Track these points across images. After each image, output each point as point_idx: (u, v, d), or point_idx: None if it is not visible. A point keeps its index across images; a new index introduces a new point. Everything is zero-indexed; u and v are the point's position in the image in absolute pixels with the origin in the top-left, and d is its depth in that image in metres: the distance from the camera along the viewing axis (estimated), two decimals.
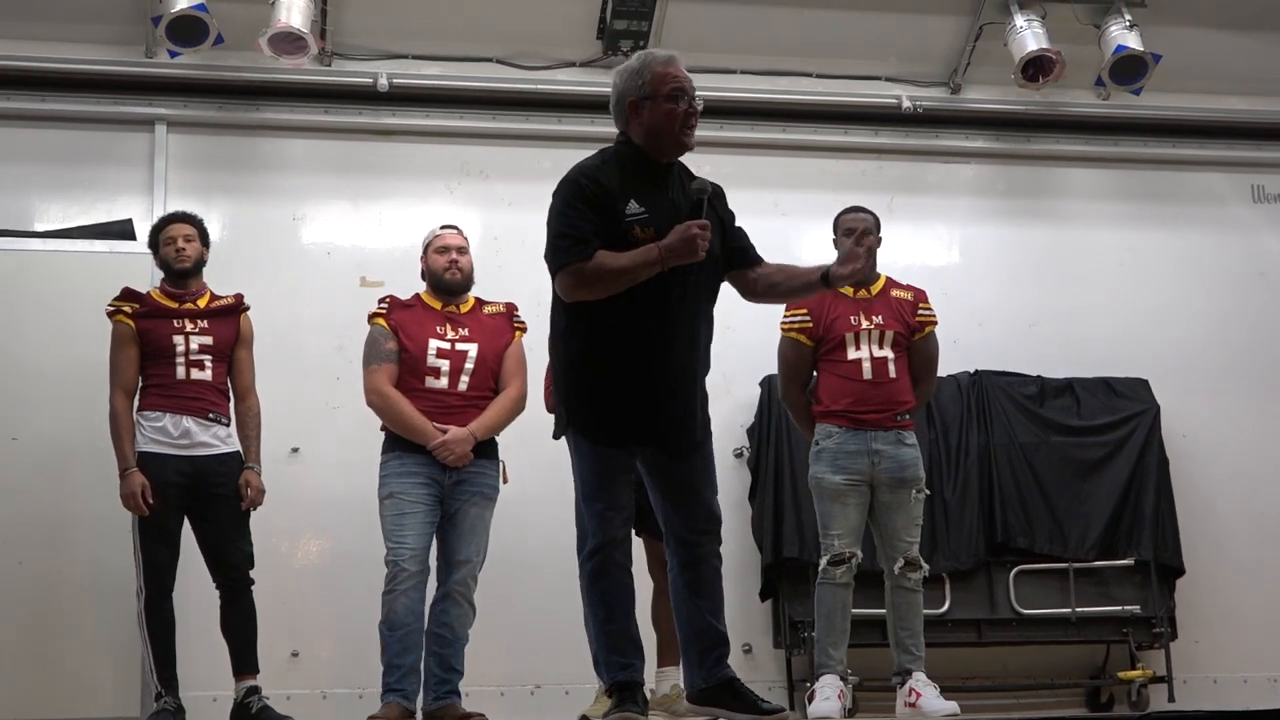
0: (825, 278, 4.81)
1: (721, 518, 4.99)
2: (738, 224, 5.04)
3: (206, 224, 6.67)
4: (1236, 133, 9.09)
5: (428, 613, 6.15)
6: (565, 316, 4.82)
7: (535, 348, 6.53)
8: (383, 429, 6.32)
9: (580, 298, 4.70)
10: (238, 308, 6.57)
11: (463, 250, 6.47)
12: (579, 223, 4.68)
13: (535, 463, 6.94)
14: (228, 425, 6.42)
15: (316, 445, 7.54)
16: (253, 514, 6.38)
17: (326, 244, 8.08)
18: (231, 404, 6.47)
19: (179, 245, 6.48)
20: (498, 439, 6.37)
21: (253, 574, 6.34)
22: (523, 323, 6.54)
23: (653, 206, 4.73)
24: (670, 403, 4.78)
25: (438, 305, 6.42)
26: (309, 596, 7.45)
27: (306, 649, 7.39)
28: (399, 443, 6.24)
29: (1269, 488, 8.59)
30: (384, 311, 6.40)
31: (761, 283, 4.96)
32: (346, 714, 7.20)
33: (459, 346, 6.32)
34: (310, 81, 8.10)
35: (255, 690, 6.25)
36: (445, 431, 6.18)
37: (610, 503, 4.79)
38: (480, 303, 6.53)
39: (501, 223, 8.21)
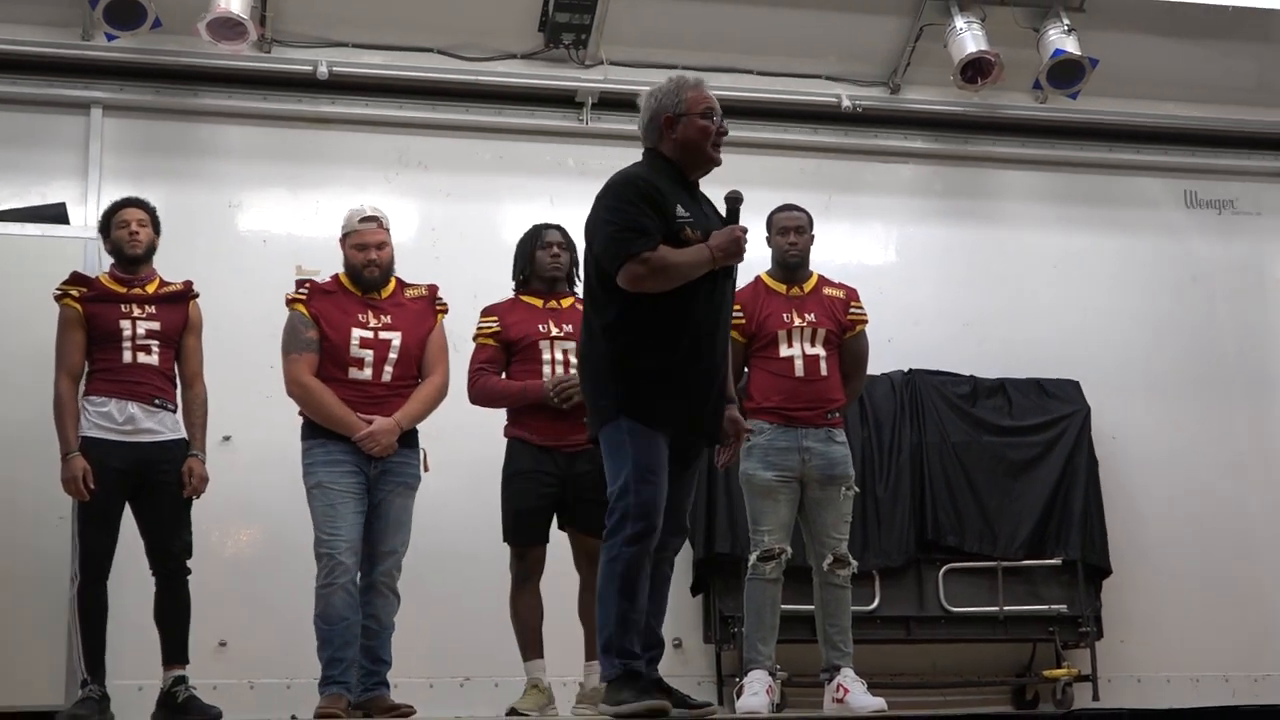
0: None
1: (689, 531, 5.26)
2: None
3: None
4: (1171, 138, 9.20)
5: None
6: (615, 310, 5.00)
7: (463, 343, 6.53)
8: (301, 413, 6.25)
9: (645, 288, 4.92)
10: (187, 294, 6.53)
11: (381, 245, 6.34)
12: (640, 218, 4.95)
13: (461, 457, 7.01)
14: (174, 411, 6.38)
15: (248, 434, 7.49)
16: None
17: (262, 232, 8.04)
18: (179, 391, 6.43)
19: (132, 229, 6.44)
20: (418, 427, 6.34)
21: (190, 564, 6.31)
22: (444, 304, 6.47)
23: (693, 214, 5.05)
24: (712, 392, 5.06)
25: (359, 291, 6.33)
26: (238, 585, 7.40)
27: (234, 638, 7.35)
28: (320, 429, 6.16)
29: (1196, 490, 8.70)
30: (304, 298, 6.29)
31: None
32: (274, 704, 7.17)
33: (382, 335, 6.24)
34: (249, 68, 8.05)
35: (182, 680, 6.21)
36: (370, 422, 6.13)
37: (661, 488, 4.92)
38: (402, 285, 6.43)
39: (440, 213, 8.21)
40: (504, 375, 6.50)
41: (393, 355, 6.24)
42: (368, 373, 6.20)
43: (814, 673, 6.54)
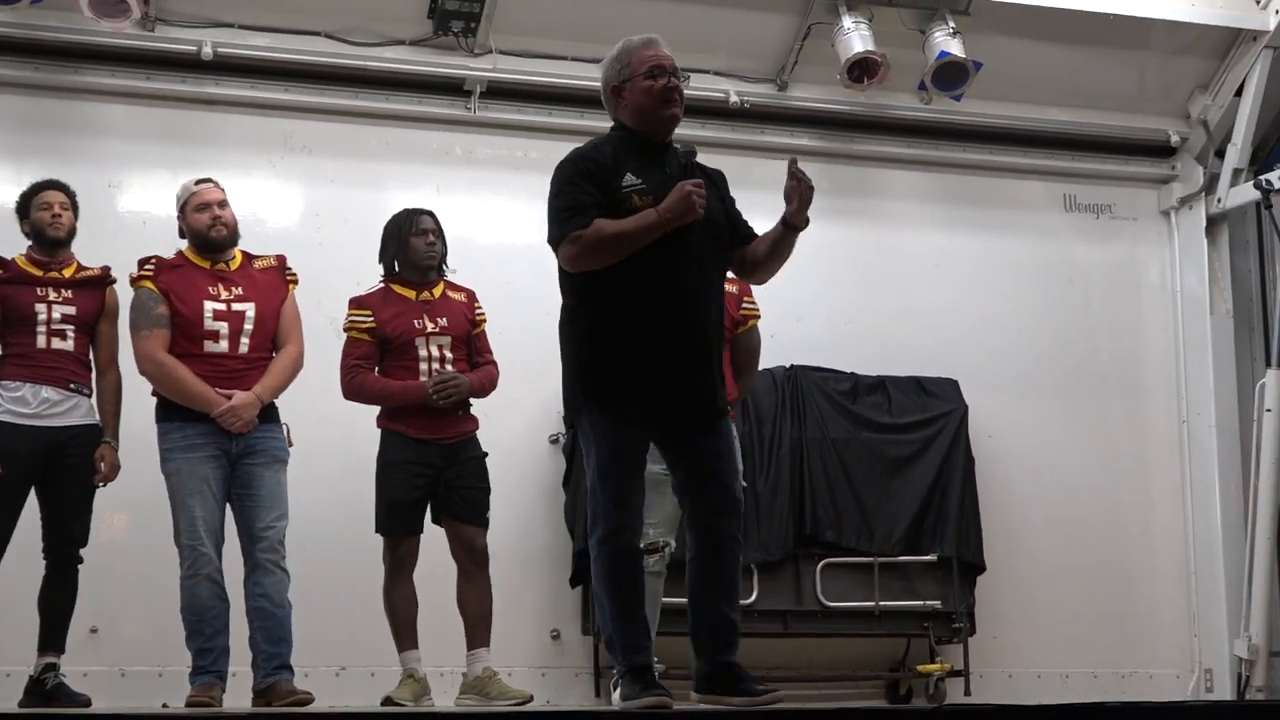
0: (785, 224, 5.04)
1: (742, 501, 4.98)
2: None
3: (17, 188, 6.52)
4: (1051, 142, 9.33)
5: (243, 588, 6.05)
6: (572, 295, 4.86)
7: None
8: (154, 394, 6.14)
9: (584, 266, 4.76)
10: (104, 280, 6.46)
11: (223, 204, 6.27)
12: (576, 195, 4.78)
13: (335, 447, 6.95)
14: (89, 396, 6.32)
15: (123, 417, 7.36)
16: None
17: (143, 213, 7.90)
18: (94, 377, 6.35)
19: (55, 211, 6.38)
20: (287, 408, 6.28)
21: (83, 552, 6.23)
22: (294, 275, 6.40)
23: (650, 179, 4.83)
24: (686, 372, 4.80)
25: (206, 264, 6.22)
26: (110, 572, 7.24)
27: (106, 625, 7.25)
28: (176, 410, 6.05)
29: (1069, 489, 8.86)
30: (150, 274, 6.16)
31: (750, 259, 5.15)
32: (145, 692, 7.08)
33: (235, 307, 6.15)
34: (132, 46, 7.91)
35: (53, 667, 6.15)
36: (229, 397, 6.02)
37: (627, 484, 4.78)
38: (248, 257, 6.35)
39: (324, 199, 8.14)
40: (376, 370, 6.45)
41: (248, 326, 6.14)
42: (224, 345, 6.10)
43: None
